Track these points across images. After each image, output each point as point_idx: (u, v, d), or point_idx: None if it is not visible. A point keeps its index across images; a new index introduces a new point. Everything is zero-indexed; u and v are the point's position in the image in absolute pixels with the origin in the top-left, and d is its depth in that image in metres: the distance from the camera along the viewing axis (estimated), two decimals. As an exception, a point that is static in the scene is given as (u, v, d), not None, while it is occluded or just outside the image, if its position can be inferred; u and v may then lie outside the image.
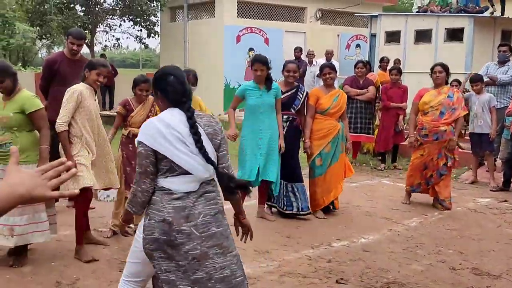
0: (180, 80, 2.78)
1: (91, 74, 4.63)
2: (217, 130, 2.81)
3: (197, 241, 2.65)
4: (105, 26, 16.78)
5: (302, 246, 5.07)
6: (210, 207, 2.73)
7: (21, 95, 4.33)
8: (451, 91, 6.37)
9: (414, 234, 5.48)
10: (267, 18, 17.17)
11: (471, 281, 4.29)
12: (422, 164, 6.39)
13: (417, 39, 14.04)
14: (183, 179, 2.67)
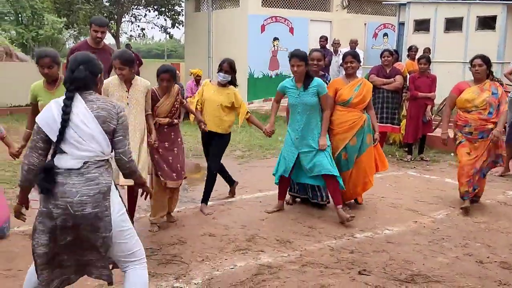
0: (69, 67, 2.98)
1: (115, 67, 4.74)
2: (112, 114, 2.93)
3: (70, 218, 2.78)
4: (131, 16, 16.89)
5: (324, 236, 5.00)
6: (90, 187, 2.80)
7: None
8: (493, 86, 5.81)
9: (440, 226, 5.34)
10: (292, 7, 17.00)
11: (498, 275, 4.15)
12: (471, 167, 5.76)
13: (447, 27, 13.70)
14: (65, 157, 2.83)
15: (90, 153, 2.85)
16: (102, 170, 2.87)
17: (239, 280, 3.96)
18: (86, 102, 2.89)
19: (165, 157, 5.10)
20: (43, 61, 4.34)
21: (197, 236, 4.92)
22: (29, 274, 3.10)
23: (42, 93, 4.44)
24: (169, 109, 5.12)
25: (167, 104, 5.10)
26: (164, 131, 5.13)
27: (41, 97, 4.43)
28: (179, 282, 3.92)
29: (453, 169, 8.00)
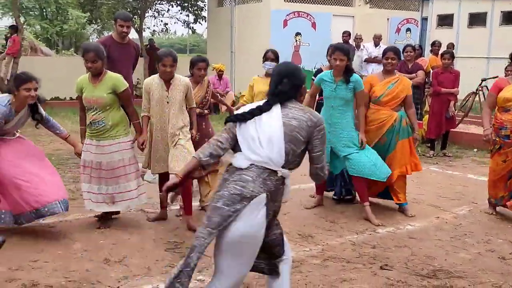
0: (273, 80, 3.04)
1: (159, 67, 4.79)
2: (303, 126, 2.87)
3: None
4: (154, 11, 16.97)
5: (346, 231, 5.03)
6: (235, 186, 2.78)
7: (109, 76, 4.75)
8: None
9: (463, 222, 5.34)
10: (315, 2, 16.94)
11: (521, 271, 4.16)
12: (507, 173, 5.39)
13: (471, 22, 13.58)
14: (240, 156, 2.89)
15: (259, 157, 2.81)
16: (261, 178, 2.79)
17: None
18: (282, 109, 2.89)
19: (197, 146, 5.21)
20: (87, 55, 4.59)
21: (218, 230, 4.97)
22: None
23: (86, 86, 4.72)
24: (200, 100, 5.24)
25: (198, 96, 5.21)
26: (197, 121, 5.20)
27: (85, 89, 4.71)
28: (202, 275, 3.97)
29: (476, 165, 7.97)
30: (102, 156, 4.76)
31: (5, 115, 4.44)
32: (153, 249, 4.46)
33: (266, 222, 2.83)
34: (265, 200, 2.79)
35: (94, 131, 4.76)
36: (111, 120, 4.73)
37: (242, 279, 3.01)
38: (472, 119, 10.59)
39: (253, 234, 2.79)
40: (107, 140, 4.76)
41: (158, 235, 4.80)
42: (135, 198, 4.91)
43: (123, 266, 4.12)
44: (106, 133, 4.75)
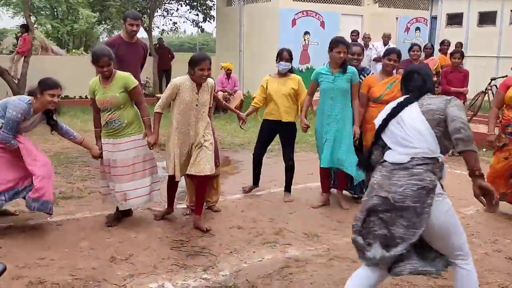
0: (416, 79, 3.28)
1: (196, 72, 4.75)
2: (440, 107, 3.03)
3: (390, 208, 2.95)
4: (163, 11, 17.02)
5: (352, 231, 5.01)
6: (413, 182, 2.91)
7: (119, 75, 4.80)
8: None
9: (470, 222, 5.31)
10: (323, 1, 16.89)
11: (528, 271, 4.13)
12: (507, 170, 5.40)
13: (480, 21, 13.51)
14: (392, 153, 3.09)
15: (416, 149, 2.99)
16: (428, 167, 2.94)
17: (267, 273, 4.02)
18: (418, 101, 3.13)
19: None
20: (103, 60, 4.64)
21: (225, 229, 4.99)
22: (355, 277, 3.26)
23: (98, 89, 4.79)
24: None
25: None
26: None
27: (97, 92, 4.78)
28: (207, 273, 4.00)
29: (484, 164, 7.84)
30: (118, 154, 4.83)
31: (25, 112, 4.58)
32: (159, 248, 4.48)
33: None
34: (441, 187, 2.99)
35: (110, 130, 4.83)
36: (126, 118, 4.82)
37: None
38: (482, 118, 10.52)
39: (448, 219, 3.03)
40: (124, 137, 4.85)
41: (164, 234, 4.83)
42: (146, 195, 4.98)
43: (129, 264, 4.14)
44: (123, 131, 4.84)
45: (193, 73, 4.77)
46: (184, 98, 4.80)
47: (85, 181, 6.53)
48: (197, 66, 4.72)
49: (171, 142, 4.89)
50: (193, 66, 4.74)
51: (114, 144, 4.84)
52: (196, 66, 4.72)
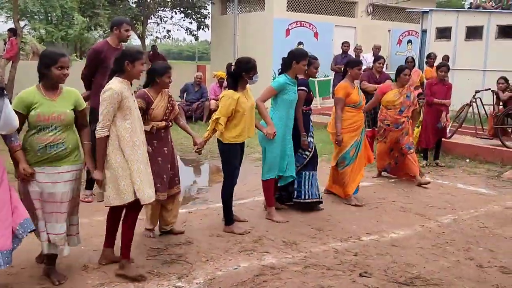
0: None
1: (135, 66, 4.00)
2: None
3: None
4: (157, 18, 17.14)
5: (331, 238, 5.10)
6: None
7: (67, 89, 3.95)
8: None
9: (445, 230, 5.41)
10: (317, 12, 17.10)
11: (497, 279, 4.22)
12: (388, 148, 7.32)
13: (468, 35, 13.70)
14: None
15: None
16: None
17: (241, 280, 4.07)
18: None
19: (165, 165, 4.70)
20: (64, 60, 3.81)
21: (204, 237, 5.03)
22: None
23: (40, 101, 3.79)
24: (163, 112, 4.65)
25: (162, 106, 4.63)
26: (161, 135, 4.70)
27: (39, 105, 3.78)
28: (181, 281, 4.03)
29: (466, 174, 8.05)
30: (57, 186, 3.84)
31: None
32: (135, 256, 4.41)
33: None
34: None
35: (50, 156, 3.79)
36: (70, 142, 3.89)
37: None
38: (467, 130, 10.66)
39: None
40: (66, 165, 3.88)
41: (142, 242, 4.81)
42: (77, 234, 4.16)
43: (101, 273, 4.14)
44: (65, 158, 3.88)
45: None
46: (135, 112, 4.08)
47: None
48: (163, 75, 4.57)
49: (120, 160, 3.95)
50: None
51: (53, 173, 3.82)
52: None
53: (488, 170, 8.28)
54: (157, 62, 4.83)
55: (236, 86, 5.08)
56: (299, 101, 5.66)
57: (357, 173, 6.36)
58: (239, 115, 5.05)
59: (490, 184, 7.46)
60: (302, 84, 5.72)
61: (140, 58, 4.03)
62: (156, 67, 4.61)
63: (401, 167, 7.45)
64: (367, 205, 6.27)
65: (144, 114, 4.48)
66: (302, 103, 5.74)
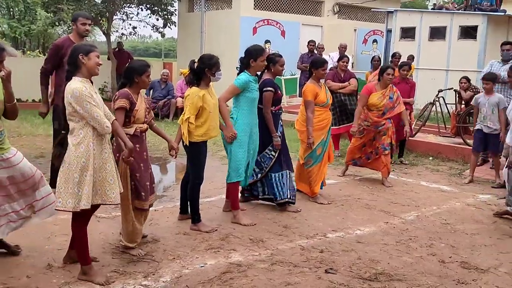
0: None
1: (91, 58, 3.80)
2: None
3: None
4: (122, 14, 16.91)
5: (297, 236, 5.14)
6: None
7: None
8: None
9: (409, 227, 5.52)
10: (284, 11, 17.19)
11: (458, 274, 4.33)
12: (360, 144, 7.33)
13: (431, 36, 13.99)
14: None
15: None
16: None
17: (207, 278, 4.07)
18: None
19: (146, 171, 4.46)
20: (3, 55, 3.95)
21: (171, 235, 5.01)
22: None
23: None
24: (144, 114, 4.41)
25: (143, 107, 4.39)
26: (142, 139, 4.47)
27: None
28: (148, 280, 4.00)
29: (430, 172, 8.22)
30: (12, 170, 4.04)
31: None
32: (100, 255, 4.38)
33: None
34: None
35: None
36: (4, 128, 4.06)
37: None
38: (430, 128, 10.88)
39: None
40: (10, 150, 4.07)
41: (107, 241, 4.76)
42: (54, 202, 4.13)
43: (66, 271, 4.08)
44: (6, 144, 4.05)
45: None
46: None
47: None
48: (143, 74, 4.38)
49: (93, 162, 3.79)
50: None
51: (3, 160, 4.00)
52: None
53: (450, 168, 8.48)
54: (134, 61, 4.59)
55: (198, 82, 5.02)
56: (266, 101, 5.63)
57: (323, 172, 6.42)
58: (206, 112, 4.99)
59: (452, 182, 7.64)
60: (269, 84, 5.66)
61: (93, 50, 3.83)
62: (135, 66, 4.36)
63: (371, 163, 7.46)
64: (333, 202, 6.35)
65: (126, 116, 4.26)
66: (270, 104, 5.67)
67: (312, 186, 6.37)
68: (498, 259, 4.71)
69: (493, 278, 4.29)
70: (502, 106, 7.13)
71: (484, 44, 12.87)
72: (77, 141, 3.72)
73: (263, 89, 5.63)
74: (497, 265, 4.56)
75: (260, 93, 5.60)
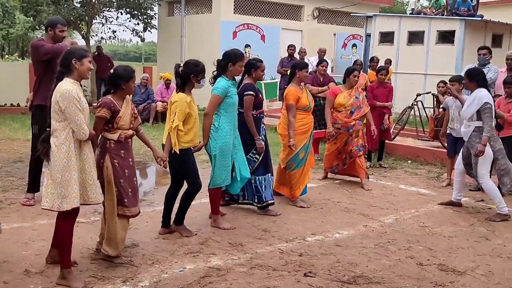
0: None
1: (83, 64, 3.91)
2: None
3: None
4: (102, 18, 16.81)
5: (276, 239, 5.14)
6: None
7: None
8: None
9: (388, 230, 5.56)
10: (264, 15, 17.25)
11: (435, 276, 4.36)
12: (336, 150, 7.46)
13: (410, 40, 14.17)
14: None
15: None
16: None
17: (186, 283, 4.05)
18: None
19: (131, 178, 4.36)
20: None
21: (150, 239, 4.98)
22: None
23: None
24: (130, 119, 4.34)
25: (128, 113, 4.32)
26: (128, 145, 4.37)
27: None
28: (126, 285, 3.97)
29: (408, 175, 8.30)
30: None
31: None
32: (78, 260, 4.35)
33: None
34: None
35: None
36: None
37: None
38: (409, 132, 10.99)
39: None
40: None
41: (85, 246, 4.71)
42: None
43: (44, 277, 4.04)
44: None
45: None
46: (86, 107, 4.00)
47: (5, 192, 6.37)
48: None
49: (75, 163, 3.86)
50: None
51: None
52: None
53: (429, 171, 8.57)
54: (119, 67, 4.46)
55: (183, 88, 4.94)
56: (247, 105, 5.64)
57: (306, 175, 6.45)
58: (192, 119, 4.93)
59: (430, 185, 7.72)
60: (249, 88, 5.67)
61: (86, 55, 3.95)
62: (120, 72, 4.27)
63: (348, 169, 7.55)
64: (312, 206, 6.37)
65: (108, 123, 4.20)
66: (251, 108, 5.68)
67: (293, 190, 6.38)
68: (475, 261, 4.76)
69: (470, 280, 4.33)
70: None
71: (462, 48, 13.06)
72: (59, 141, 3.78)
73: (244, 93, 5.64)
74: (474, 267, 4.61)
75: (241, 98, 5.60)
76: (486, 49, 8.42)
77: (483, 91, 6.01)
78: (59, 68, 3.92)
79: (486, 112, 5.90)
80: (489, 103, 5.91)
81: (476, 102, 5.95)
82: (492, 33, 13.87)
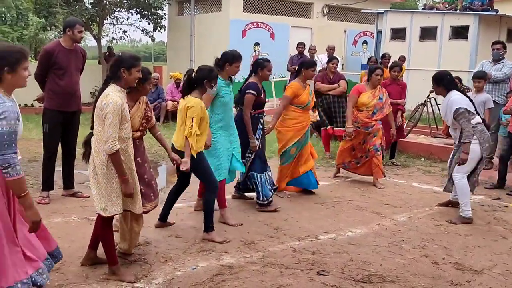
0: None
1: (132, 73, 3.92)
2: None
3: None
4: (113, 19, 16.86)
5: (288, 238, 5.11)
6: None
7: None
8: None
9: (401, 228, 5.49)
10: (274, 13, 17.19)
11: (451, 275, 4.30)
12: (350, 146, 7.30)
13: (422, 36, 14.05)
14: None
15: None
16: None
17: (200, 280, 4.04)
18: None
19: (141, 176, 4.30)
20: None
21: (163, 237, 4.98)
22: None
23: None
24: (140, 121, 4.29)
25: (138, 116, 4.27)
26: (136, 144, 4.27)
27: None
28: (140, 282, 3.98)
29: (421, 173, 8.21)
30: None
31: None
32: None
33: None
34: None
35: None
36: None
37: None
38: (421, 129, 10.90)
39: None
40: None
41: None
42: None
43: (60, 274, 4.05)
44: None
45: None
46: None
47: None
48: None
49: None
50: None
51: None
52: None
53: (442, 169, 8.46)
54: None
55: (190, 91, 4.87)
56: (247, 103, 5.67)
57: (295, 170, 6.53)
58: (204, 122, 4.89)
59: (444, 183, 7.61)
60: (252, 87, 5.69)
61: (136, 65, 3.95)
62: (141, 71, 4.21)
63: (361, 168, 7.41)
64: (324, 204, 6.32)
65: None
66: (250, 106, 5.70)
67: (278, 181, 6.52)
68: (491, 260, 4.69)
69: (487, 279, 4.27)
70: (488, 106, 7.10)
71: (476, 44, 12.92)
72: (99, 147, 3.85)
73: (246, 91, 5.69)
74: (490, 266, 4.54)
75: (243, 95, 5.71)
76: (500, 43, 8.32)
77: (453, 96, 5.71)
78: (108, 73, 4.00)
79: (461, 118, 5.59)
80: (461, 108, 5.58)
81: (449, 111, 5.70)
82: (507, 27, 13.68)
